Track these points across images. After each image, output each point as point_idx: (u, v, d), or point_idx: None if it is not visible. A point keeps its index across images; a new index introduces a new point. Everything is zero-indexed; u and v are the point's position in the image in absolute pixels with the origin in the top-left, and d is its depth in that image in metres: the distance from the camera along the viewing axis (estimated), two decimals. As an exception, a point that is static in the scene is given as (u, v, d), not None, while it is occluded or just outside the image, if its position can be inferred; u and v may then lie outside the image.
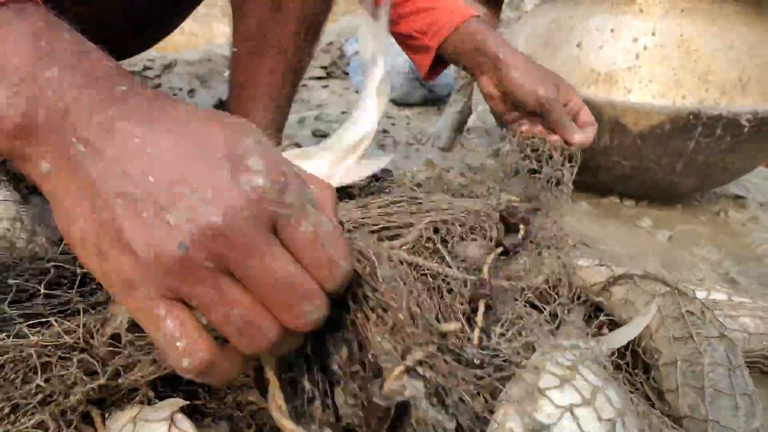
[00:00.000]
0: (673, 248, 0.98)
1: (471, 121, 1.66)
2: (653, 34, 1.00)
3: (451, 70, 1.96)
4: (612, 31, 1.02)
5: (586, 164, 1.09)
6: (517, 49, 0.82)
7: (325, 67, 2.30)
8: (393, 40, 0.89)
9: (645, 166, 1.05)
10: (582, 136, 0.79)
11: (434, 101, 2.01)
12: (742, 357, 0.52)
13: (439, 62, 0.89)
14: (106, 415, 0.40)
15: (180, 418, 0.37)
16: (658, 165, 1.04)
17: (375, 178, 0.81)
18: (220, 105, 1.75)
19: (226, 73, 1.44)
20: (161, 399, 0.41)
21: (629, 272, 0.59)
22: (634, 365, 0.55)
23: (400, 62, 1.93)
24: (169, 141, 0.30)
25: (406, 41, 0.89)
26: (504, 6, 1.58)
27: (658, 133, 0.99)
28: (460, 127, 1.57)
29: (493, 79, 0.82)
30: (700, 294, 0.66)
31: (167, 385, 0.43)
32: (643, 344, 0.55)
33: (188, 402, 0.39)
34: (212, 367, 0.31)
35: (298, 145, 0.87)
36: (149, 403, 0.40)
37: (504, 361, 0.43)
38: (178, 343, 0.30)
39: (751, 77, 0.98)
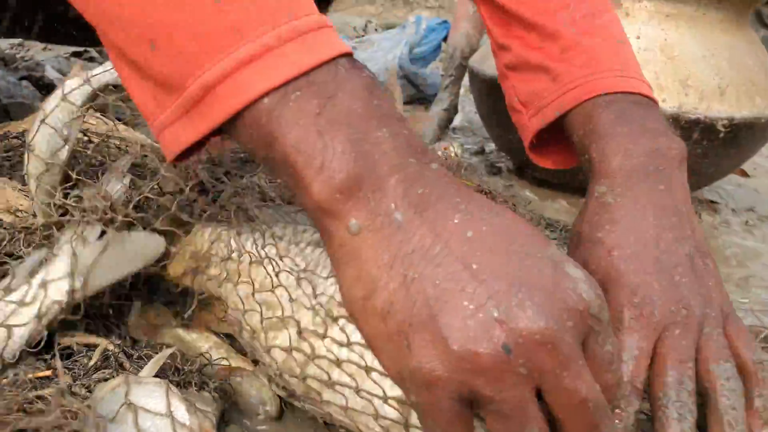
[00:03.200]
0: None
1: (457, 120, 1.68)
2: (638, 37, 1.02)
3: (438, 69, 1.98)
4: (597, 32, 1.04)
5: (567, 163, 1.11)
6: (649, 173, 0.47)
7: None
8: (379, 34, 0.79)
9: (624, 167, 1.07)
10: None
11: (423, 100, 2.02)
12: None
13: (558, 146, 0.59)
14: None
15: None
16: (636, 166, 1.06)
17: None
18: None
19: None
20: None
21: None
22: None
23: (389, 60, 1.93)
24: (488, 230, 0.29)
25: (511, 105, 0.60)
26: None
27: (638, 134, 1.01)
28: (446, 125, 1.58)
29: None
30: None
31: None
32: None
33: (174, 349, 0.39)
34: None
35: None
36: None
37: None
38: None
39: (730, 84, 1.01)
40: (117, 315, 0.49)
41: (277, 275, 0.39)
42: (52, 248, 0.44)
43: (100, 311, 0.48)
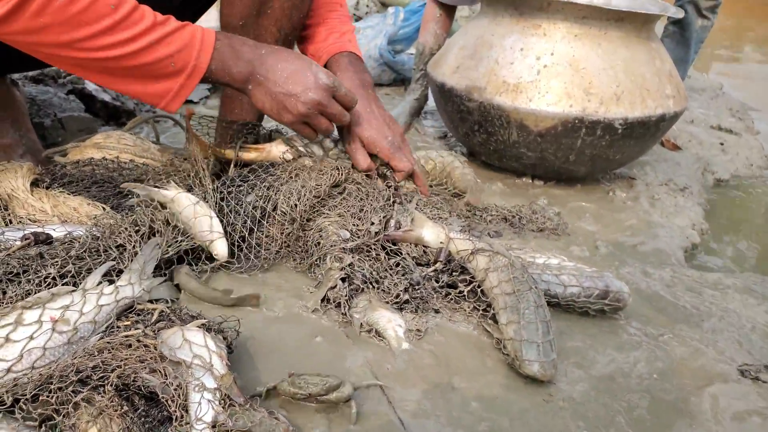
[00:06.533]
0: (561, 221, 1.28)
1: (428, 106, 1.93)
2: (552, 54, 1.27)
3: (411, 63, 2.21)
4: (521, 50, 1.29)
5: (503, 153, 1.39)
6: (358, 88, 1.11)
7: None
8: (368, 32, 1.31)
9: (545, 157, 1.34)
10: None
11: (402, 81, 2.26)
12: (544, 299, 0.83)
13: None
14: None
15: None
16: (555, 156, 1.33)
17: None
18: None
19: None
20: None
21: (484, 248, 0.89)
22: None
23: (372, 47, 2.16)
24: (289, 66, 0.93)
25: None
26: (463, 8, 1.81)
27: (553, 132, 1.28)
28: (417, 113, 1.84)
29: None
30: (541, 260, 0.97)
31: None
32: (490, 297, 0.85)
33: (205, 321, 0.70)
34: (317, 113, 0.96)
35: (284, 134, 1.16)
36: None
37: None
38: (307, 131, 0.99)
39: (624, 91, 1.26)
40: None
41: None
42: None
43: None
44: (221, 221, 0.92)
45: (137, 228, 0.84)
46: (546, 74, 1.26)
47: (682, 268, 1.16)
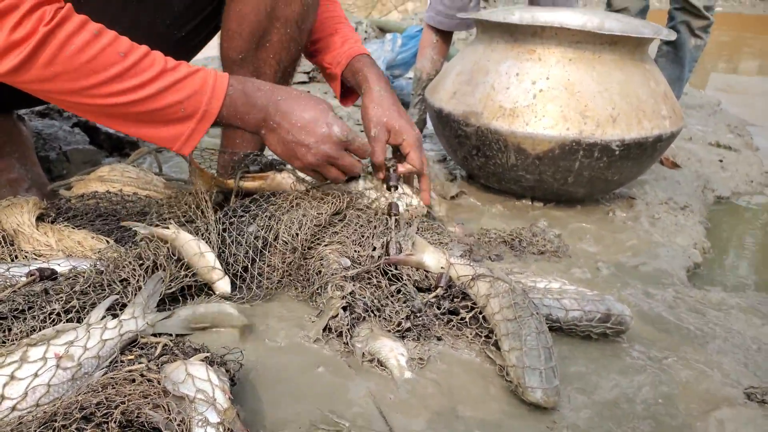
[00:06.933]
0: (561, 242, 1.29)
1: (427, 130, 1.95)
2: (547, 78, 1.29)
3: (409, 88, 2.24)
4: (517, 75, 1.31)
5: (501, 176, 1.40)
6: (384, 84, 1.16)
7: (307, 72, 2.57)
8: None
9: (544, 180, 1.35)
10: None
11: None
12: (546, 325, 0.83)
13: (352, 92, 1.26)
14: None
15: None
16: (553, 179, 1.34)
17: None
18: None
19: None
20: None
21: (485, 273, 0.89)
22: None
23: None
24: (304, 116, 0.94)
25: (323, 71, 1.26)
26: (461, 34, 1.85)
27: (551, 155, 1.29)
28: (416, 136, 1.86)
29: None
30: (542, 284, 0.97)
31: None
32: (492, 324, 0.86)
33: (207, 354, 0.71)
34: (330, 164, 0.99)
35: None
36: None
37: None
38: (317, 177, 1.02)
39: (620, 113, 1.27)
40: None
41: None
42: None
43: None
44: (223, 252, 0.93)
45: (141, 262, 0.85)
46: (542, 98, 1.28)
47: (684, 288, 1.16)
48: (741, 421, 0.76)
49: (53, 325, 0.74)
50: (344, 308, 0.86)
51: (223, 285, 0.88)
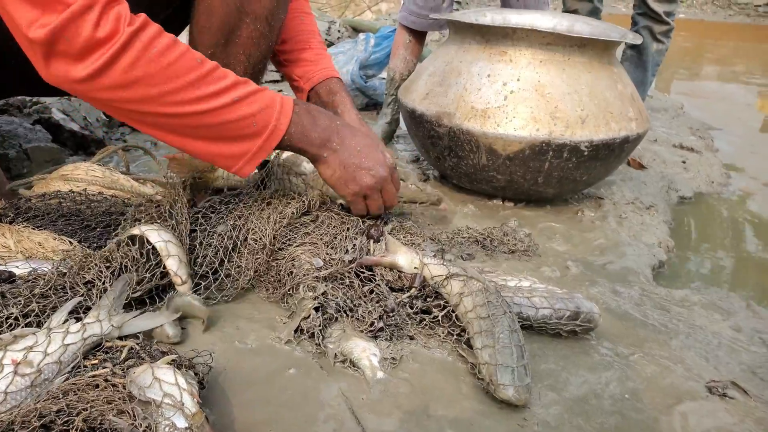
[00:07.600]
0: (531, 242, 1.30)
1: (400, 130, 1.96)
2: (518, 80, 1.30)
3: (383, 88, 2.24)
4: (488, 76, 1.32)
5: (473, 177, 1.41)
6: (354, 113, 1.17)
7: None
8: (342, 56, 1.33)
9: (515, 180, 1.37)
10: None
11: (374, 106, 2.29)
12: (518, 323, 0.84)
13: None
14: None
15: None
16: (524, 179, 1.36)
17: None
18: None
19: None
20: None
21: (458, 273, 0.90)
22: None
23: (344, 73, 2.19)
24: (362, 141, 0.96)
25: (290, 81, 1.26)
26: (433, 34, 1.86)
27: (521, 156, 1.31)
28: (389, 137, 1.86)
29: None
30: (512, 282, 0.98)
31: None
32: (464, 322, 0.86)
33: (175, 357, 0.68)
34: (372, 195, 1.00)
35: None
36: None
37: None
38: (361, 205, 1.02)
39: (589, 114, 1.30)
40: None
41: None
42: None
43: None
44: (192, 251, 0.91)
45: (108, 264, 0.82)
46: (513, 99, 1.29)
47: (650, 285, 1.18)
48: (703, 414, 0.78)
49: (10, 330, 0.71)
50: (316, 309, 0.85)
51: (184, 290, 0.85)
